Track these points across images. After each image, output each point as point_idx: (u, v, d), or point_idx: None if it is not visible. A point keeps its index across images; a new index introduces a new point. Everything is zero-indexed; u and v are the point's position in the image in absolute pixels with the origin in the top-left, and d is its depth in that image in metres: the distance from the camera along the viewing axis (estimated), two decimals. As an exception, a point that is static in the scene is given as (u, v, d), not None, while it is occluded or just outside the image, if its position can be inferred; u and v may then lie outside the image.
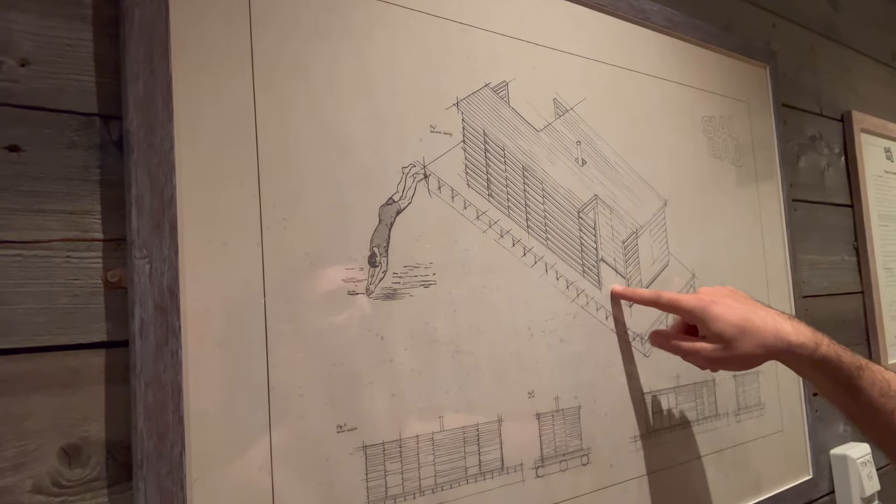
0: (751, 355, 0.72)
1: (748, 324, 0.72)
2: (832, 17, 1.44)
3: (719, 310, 0.73)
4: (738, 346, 0.72)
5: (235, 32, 0.57)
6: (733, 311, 0.73)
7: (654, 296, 0.80)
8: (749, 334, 0.72)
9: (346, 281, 0.61)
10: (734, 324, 0.72)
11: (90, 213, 0.50)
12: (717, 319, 0.73)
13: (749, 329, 0.72)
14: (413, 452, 0.64)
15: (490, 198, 0.73)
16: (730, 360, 0.73)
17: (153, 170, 0.51)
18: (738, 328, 0.72)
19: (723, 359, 0.73)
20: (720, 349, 0.73)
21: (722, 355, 0.73)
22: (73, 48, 0.50)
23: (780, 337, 0.72)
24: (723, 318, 0.73)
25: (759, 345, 0.72)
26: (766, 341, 0.72)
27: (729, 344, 0.72)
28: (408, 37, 0.69)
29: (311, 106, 0.61)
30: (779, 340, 0.72)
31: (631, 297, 0.84)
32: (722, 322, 0.73)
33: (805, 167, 1.28)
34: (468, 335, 0.69)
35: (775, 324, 0.73)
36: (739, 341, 0.72)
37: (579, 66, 0.85)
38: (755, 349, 0.72)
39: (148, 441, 0.49)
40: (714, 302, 0.74)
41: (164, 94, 0.52)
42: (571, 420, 0.78)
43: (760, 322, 0.72)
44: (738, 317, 0.73)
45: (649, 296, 0.81)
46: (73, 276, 0.49)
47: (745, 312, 0.73)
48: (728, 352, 0.72)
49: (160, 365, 0.50)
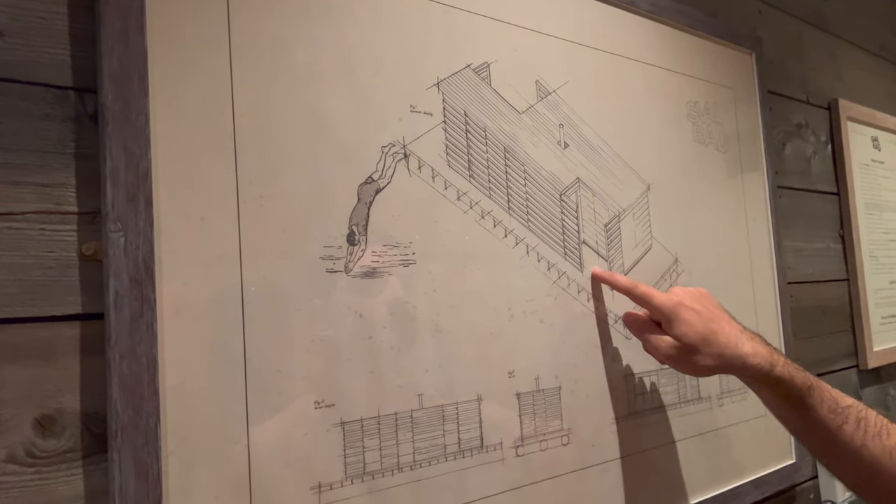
0: (706, 367, 0.75)
1: (711, 336, 0.75)
2: (820, 5, 1.45)
3: (687, 315, 0.75)
4: (697, 354, 0.74)
5: (212, 8, 0.57)
6: (700, 319, 0.75)
7: (630, 285, 0.81)
8: (710, 346, 0.74)
9: (325, 259, 0.61)
10: (698, 332, 0.74)
11: (65, 186, 0.50)
12: (683, 323, 0.75)
13: (711, 341, 0.74)
14: (391, 429, 0.64)
15: (471, 179, 0.74)
16: (685, 363, 0.76)
17: (128, 143, 0.51)
18: (702, 337, 0.74)
19: (679, 361, 0.76)
20: (680, 352, 0.75)
21: (679, 358, 0.75)
22: (47, 21, 0.50)
23: (737, 355, 0.74)
24: (689, 323, 0.75)
25: (717, 357, 0.74)
26: (725, 356, 0.74)
27: (689, 350, 0.74)
28: (389, 16, 0.69)
29: (291, 83, 0.61)
30: (735, 358, 0.74)
31: (609, 281, 0.84)
32: (687, 327, 0.75)
33: (791, 154, 1.29)
34: (448, 314, 0.70)
35: (737, 341, 0.75)
36: (699, 350, 0.74)
37: (562, 49, 0.86)
38: (711, 361, 0.74)
39: (123, 413, 0.49)
40: (683, 305, 0.76)
41: (140, 68, 0.52)
42: (552, 400, 0.78)
43: (724, 337, 0.75)
44: (704, 326, 0.75)
45: (625, 284, 0.82)
46: (47, 248, 0.49)
47: (711, 324, 0.76)
48: (685, 357, 0.75)
49: (135, 337, 0.50)
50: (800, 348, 1.22)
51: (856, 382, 1.38)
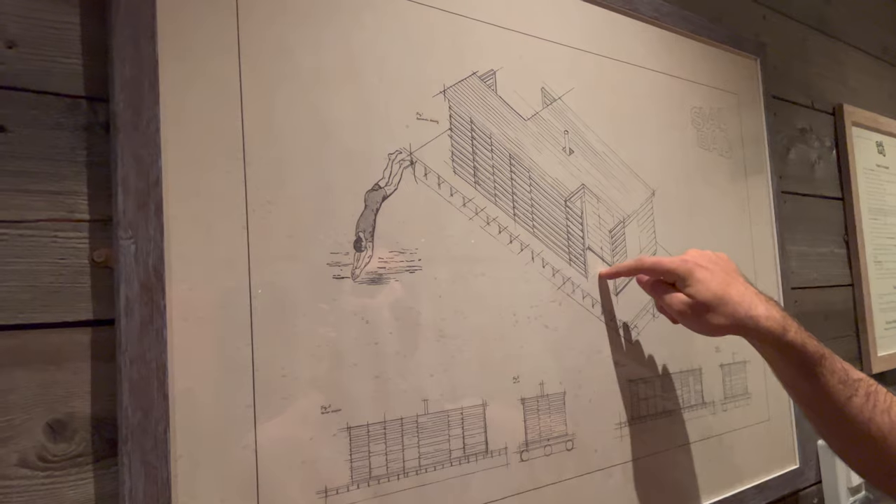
0: (718, 325, 0.74)
1: (726, 295, 0.74)
2: (824, 9, 1.45)
3: (703, 274, 0.76)
4: (711, 313, 0.74)
5: (222, 15, 0.58)
6: (715, 278, 0.75)
7: (636, 263, 0.82)
8: (723, 305, 0.74)
9: (332, 265, 0.62)
10: (713, 291, 0.74)
11: (76, 194, 0.51)
12: (696, 282, 0.75)
13: (725, 300, 0.74)
14: (397, 434, 0.65)
15: (477, 185, 0.74)
16: (698, 321, 0.75)
17: (139, 151, 0.52)
18: (716, 297, 0.74)
19: (692, 319, 0.76)
20: (692, 310, 0.75)
21: (692, 316, 0.75)
22: (59, 31, 0.51)
23: (750, 315, 0.73)
24: (702, 282, 0.75)
25: (730, 317, 0.74)
26: (737, 316, 0.73)
27: (702, 308, 0.74)
28: (395, 24, 0.70)
29: (298, 90, 0.62)
30: (749, 318, 0.73)
31: (615, 273, 0.85)
32: (702, 286, 0.75)
33: (795, 159, 1.29)
34: (453, 320, 0.70)
35: (750, 302, 0.74)
36: (712, 309, 0.74)
37: (567, 55, 0.86)
38: (724, 320, 0.74)
39: (133, 417, 0.50)
40: (699, 265, 0.77)
41: (151, 76, 0.53)
42: (556, 405, 0.78)
43: (738, 297, 0.74)
44: (719, 286, 0.75)
45: (631, 263, 0.83)
46: (59, 255, 0.49)
47: (725, 283, 0.75)
48: (698, 315, 0.75)
49: (145, 343, 0.50)
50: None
51: (860, 387, 1.38)
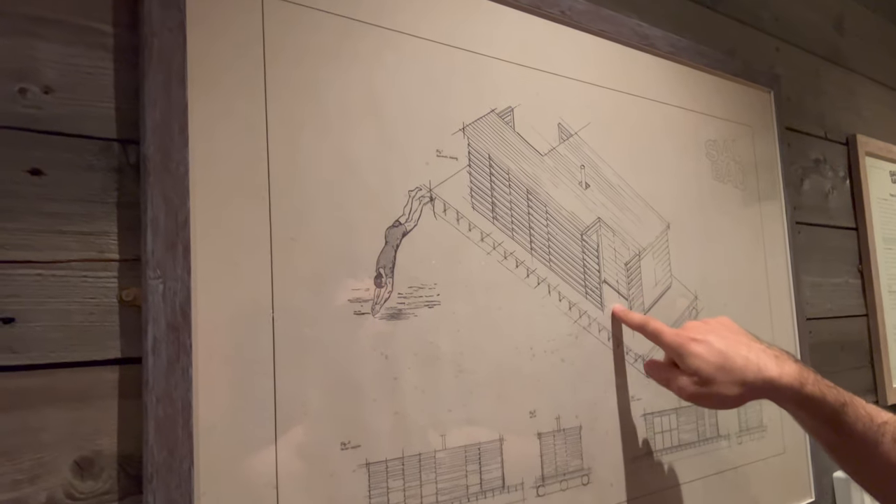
0: (729, 395, 0.71)
1: (727, 362, 0.72)
2: (837, 41, 1.46)
3: (698, 348, 0.73)
4: (716, 384, 0.71)
5: (249, 58, 0.59)
6: (712, 349, 0.73)
7: (642, 322, 0.81)
8: (727, 373, 0.71)
9: (353, 301, 0.63)
10: (711, 362, 0.72)
11: (107, 234, 0.52)
12: (693, 357, 0.73)
13: (727, 368, 0.72)
14: (415, 470, 0.65)
15: (494, 220, 0.75)
16: (707, 396, 0.72)
17: (168, 193, 0.53)
18: (716, 366, 0.72)
19: (701, 395, 0.72)
20: (700, 387, 0.72)
21: (700, 391, 0.72)
22: (93, 76, 0.52)
23: (761, 376, 0.71)
24: (700, 356, 0.72)
25: (738, 383, 0.71)
26: (746, 380, 0.71)
27: (706, 382, 0.72)
28: (416, 63, 0.71)
29: (321, 128, 0.63)
30: (759, 379, 0.71)
31: (623, 319, 0.84)
32: (699, 360, 0.72)
33: (809, 190, 1.29)
34: (471, 354, 0.71)
35: (758, 362, 0.72)
36: (716, 379, 0.71)
37: (583, 91, 0.87)
38: (733, 388, 0.71)
39: (158, 455, 0.50)
40: (694, 339, 0.74)
41: (181, 119, 0.54)
42: (572, 439, 0.79)
43: (741, 361, 0.72)
44: (717, 355, 0.72)
45: (638, 321, 0.82)
46: (89, 294, 0.51)
47: (726, 350, 0.73)
48: (705, 388, 0.72)
49: (171, 381, 0.51)
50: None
51: (875, 418, 1.37)
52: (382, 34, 0.69)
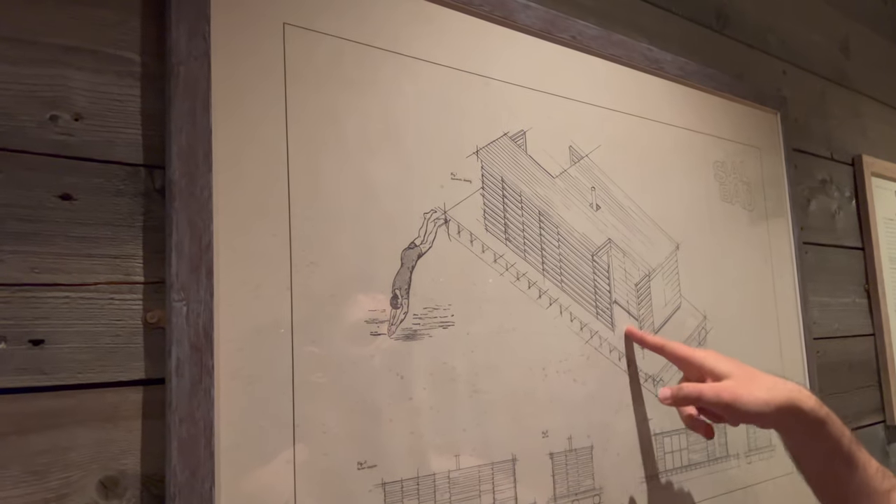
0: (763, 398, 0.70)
1: (757, 372, 0.74)
2: (843, 63, 1.48)
3: (727, 358, 0.76)
4: (751, 384, 0.71)
5: (271, 85, 0.61)
6: (740, 364, 0.76)
7: (660, 343, 0.83)
8: (760, 377, 0.73)
9: (370, 322, 0.64)
10: (744, 368, 0.74)
11: (133, 258, 0.53)
12: (726, 362, 0.75)
13: (759, 375, 0.73)
14: (430, 490, 0.66)
15: (507, 242, 0.76)
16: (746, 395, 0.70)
17: (192, 217, 0.54)
18: (749, 372, 0.74)
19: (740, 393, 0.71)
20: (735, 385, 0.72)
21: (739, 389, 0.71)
22: (122, 103, 0.54)
23: (786, 389, 0.71)
24: (730, 362, 0.75)
25: (770, 388, 0.71)
26: (778, 384, 0.72)
27: (742, 381, 0.72)
28: (432, 89, 0.72)
29: (341, 153, 0.64)
30: (785, 388, 0.71)
31: (639, 339, 0.86)
32: (733, 364, 0.75)
33: (816, 210, 1.30)
34: (485, 374, 0.72)
35: (784, 382, 0.73)
36: (751, 381, 0.72)
37: (594, 114, 0.89)
38: (767, 391, 0.70)
39: (181, 475, 0.51)
40: (720, 355, 0.77)
41: (205, 146, 0.55)
42: (584, 460, 0.79)
43: (769, 378, 0.73)
44: (746, 367, 0.75)
45: (655, 342, 0.83)
46: (115, 316, 0.52)
47: (752, 368, 0.75)
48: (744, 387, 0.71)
49: (194, 402, 0.52)
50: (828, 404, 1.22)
51: (883, 438, 1.37)
52: (400, 61, 0.70)
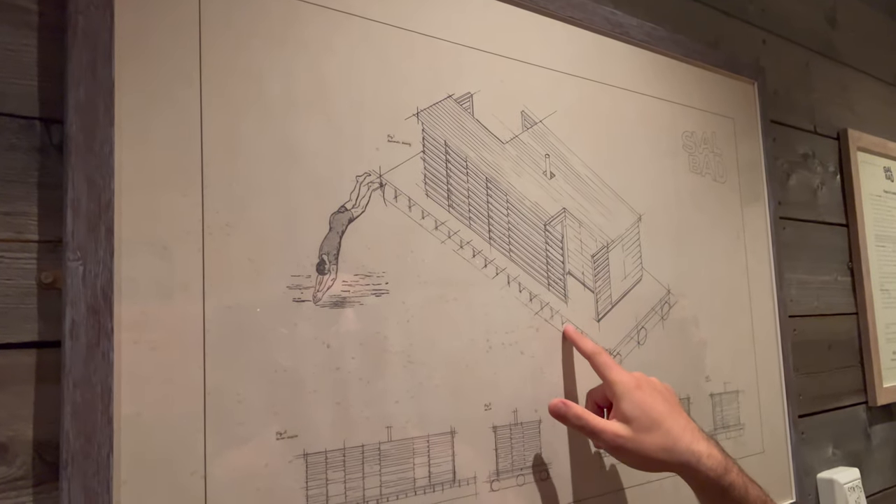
0: (653, 456, 0.69)
1: (665, 423, 0.70)
2: (829, 34, 1.43)
3: (642, 396, 0.71)
4: (645, 438, 0.69)
5: (184, 41, 0.58)
6: (655, 404, 0.71)
7: (594, 350, 0.77)
8: (660, 432, 0.69)
9: (292, 287, 0.61)
10: (650, 416, 0.70)
11: (26, 215, 0.51)
12: (633, 403, 0.71)
13: (664, 428, 0.69)
14: (357, 461, 0.64)
15: (450, 208, 0.73)
16: (631, 451, 0.69)
17: (91, 174, 0.52)
18: (653, 421, 0.70)
19: (624, 448, 0.69)
20: (625, 435, 0.69)
21: (624, 443, 0.69)
22: (16, 53, 0.51)
23: (690, 449, 0.69)
24: (641, 405, 0.70)
25: (666, 448, 0.69)
26: (676, 448, 0.69)
27: (637, 432, 0.69)
28: (368, 48, 0.69)
29: (263, 114, 0.62)
30: (688, 452, 0.69)
31: (575, 342, 0.80)
32: (638, 409, 0.70)
33: (796, 185, 1.27)
34: (422, 345, 0.69)
35: (692, 436, 0.70)
36: (648, 434, 0.69)
37: (550, 79, 0.85)
38: (660, 451, 0.69)
39: (75, 441, 0.49)
40: (640, 387, 0.72)
41: (106, 99, 0.53)
42: (531, 434, 0.77)
43: (678, 428, 0.70)
44: (657, 412, 0.70)
45: (590, 349, 0.78)
46: (6, 275, 0.49)
47: (666, 413, 0.71)
48: (632, 441, 0.69)
49: (90, 366, 0.50)
50: (804, 383, 1.19)
51: (865, 420, 1.34)
52: (331, 16, 0.67)
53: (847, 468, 1.23)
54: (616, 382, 0.73)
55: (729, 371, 1.03)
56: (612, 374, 0.74)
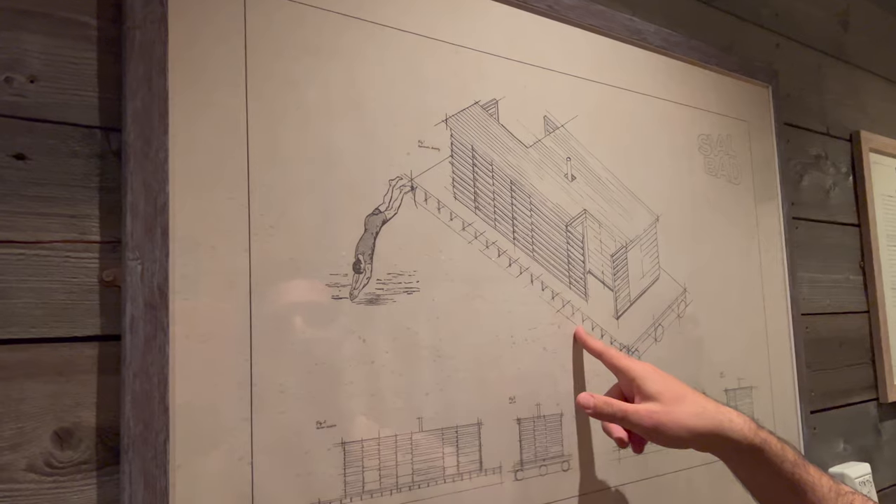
0: (688, 424, 0.69)
1: (689, 394, 0.72)
2: (841, 37, 1.45)
3: (660, 375, 0.74)
4: (677, 409, 0.70)
5: (230, 50, 0.61)
6: (673, 382, 0.74)
7: (601, 348, 0.80)
8: (688, 401, 0.71)
9: (330, 286, 0.65)
10: (673, 389, 0.72)
11: (89, 217, 0.54)
12: (655, 381, 0.73)
13: (690, 398, 0.71)
14: (391, 451, 0.67)
15: (476, 210, 0.77)
16: (668, 423, 0.70)
17: (148, 178, 0.55)
18: (678, 394, 0.72)
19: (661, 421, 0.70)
20: (658, 409, 0.71)
21: (660, 417, 0.70)
22: (77, 66, 0.55)
23: (720, 410, 0.71)
24: (664, 380, 0.73)
25: (697, 413, 0.70)
26: (706, 413, 0.70)
27: (667, 405, 0.71)
28: (398, 56, 0.73)
29: (302, 120, 0.65)
30: (720, 413, 0.70)
31: (583, 342, 0.82)
32: (662, 384, 0.73)
33: (808, 186, 1.29)
34: (450, 340, 0.72)
35: (716, 404, 0.72)
36: (678, 404, 0.71)
37: (571, 84, 0.88)
38: (693, 417, 0.70)
39: (134, 428, 0.53)
40: (655, 370, 0.75)
41: (161, 108, 0.56)
42: (553, 427, 0.80)
43: (702, 398, 0.72)
44: (679, 385, 0.73)
45: (597, 347, 0.80)
46: (71, 274, 0.53)
47: (684, 389, 0.73)
48: (666, 413, 0.70)
49: (148, 358, 0.54)
50: (816, 380, 1.22)
51: (875, 416, 1.36)
52: (364, 27, 0.71)
53: (858, 463, 1.26)
54: (631, 368, 0.76)
55: (742, 367, 1.06)
56: (625, 362, 0.77)
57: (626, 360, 0.77)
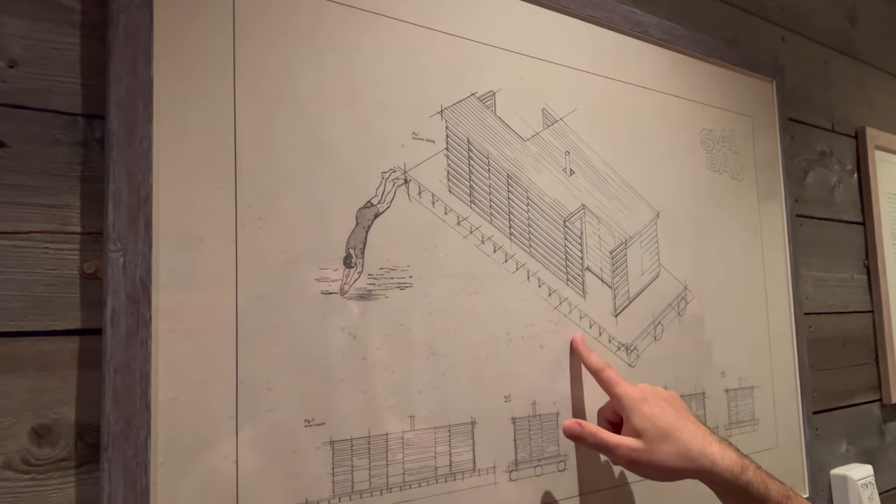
0: (669, 465, 0.70)
1: (675, 431, 0.71)
2: (849, 31, 1.43)
3: (649, 408, 0.72)
4: (659, 449, 0.70)
5: (219, 37, 0.60)
6: (664, 414, 0.72)
7: (599, 366, 0.77)
8: (672, 441, 0.70)
9: (320, 280, 0.63)
10: (659, 427, 0.71)
11: (69, 207, 0.53)
12: (642, 416, 0.71)
13: (674, 437, 0.70)
14: (382, 449, 0.65)
15: (472, 204, 0.75)
16: (647, 463, 0.70)
17: (131, 167, 0.54)
18: (663, 431, 0.70)
19: (639, 461, 0.70)
20: (639, 448, 0.70)
21: (639, 456, 0.70)
22: (60, 51, 0.53)
23: (704, 453, 0.70)
24: (649, 416, 0.71)
25: (681, 455, 0.70)
26: (690, 454, 0.70)
27: (649, 445, 0.70)
28: (394, 46, 0.71)
29: (294, 110, 0.63)
30: (703, 457, 0.70)
31: (582, 355, 0.80)
32: (647, 421, 0.71)
33: (813, 183, 1.27)
34: (444, 337, 0.71)
35: (703, 440, 0.71)
36: (661, 444, 0.70)
37: (571, 77, 0.87)
38: (675, 459, 0.70)
39: (115, 425, 0.51)
40: (646, 400, 0.73)
41: (145, 96, 0.55)
42: (549, 426, 0.78)
43: (689, 434, 0.71)
44: (666, 422, 0.71)
45: (595, 364, 0.78)
46: (50, 266, 0.52)
47: (675, 421, 0.72)
48: (647, 454, 0.70)
49: (130, 352, 0.52)
50: (819, 380, 1.20)
51: (879, 417, 1.35)
52: (360, 16, 0.69)
53: (860, 465, 1.24)
54: (622, 396, 0.74)
55: (744, 367, 1.04)
56: (617, 389, 0.75)
57: (619, 388, 0.75)
